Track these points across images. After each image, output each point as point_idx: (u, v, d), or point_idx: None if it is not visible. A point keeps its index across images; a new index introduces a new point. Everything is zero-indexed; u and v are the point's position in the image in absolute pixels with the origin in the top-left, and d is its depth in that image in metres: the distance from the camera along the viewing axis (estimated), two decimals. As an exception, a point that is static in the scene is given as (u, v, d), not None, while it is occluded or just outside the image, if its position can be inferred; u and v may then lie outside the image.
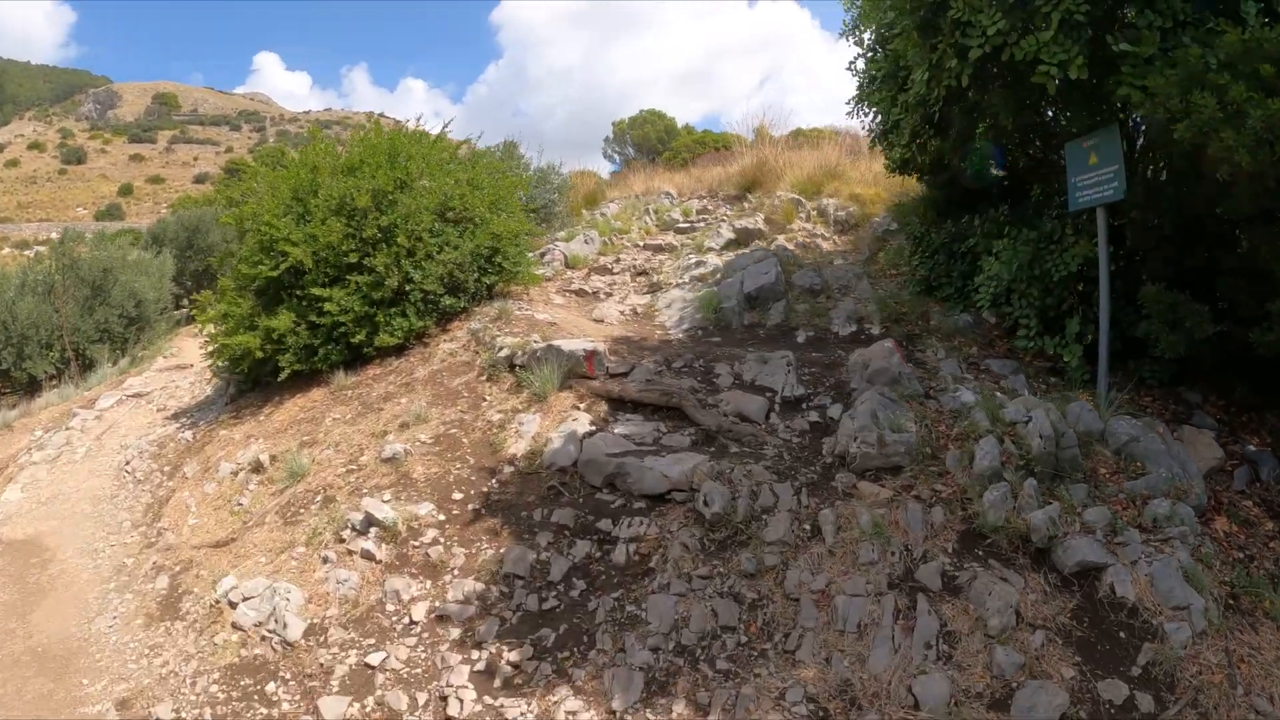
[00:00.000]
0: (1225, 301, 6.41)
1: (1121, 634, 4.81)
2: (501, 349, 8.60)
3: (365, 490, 6.77)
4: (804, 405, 7.27)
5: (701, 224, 14.23)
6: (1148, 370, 7.23)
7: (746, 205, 14.41)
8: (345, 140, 11.89)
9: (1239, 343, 6.22)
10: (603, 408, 7.52)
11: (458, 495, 6.68)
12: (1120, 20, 6.21)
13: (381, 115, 14.37)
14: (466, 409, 7.97)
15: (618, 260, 13.02)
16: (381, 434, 7.70)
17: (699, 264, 11.82)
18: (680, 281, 11.54)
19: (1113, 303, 6.75)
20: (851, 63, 10.57)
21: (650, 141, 29.24)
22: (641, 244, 13.72)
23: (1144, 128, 7.00)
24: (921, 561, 5.25)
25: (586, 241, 13.54)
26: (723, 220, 13.87)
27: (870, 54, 10.15)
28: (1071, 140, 7.04)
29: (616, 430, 7.05)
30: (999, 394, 7.06)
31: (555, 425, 7.23)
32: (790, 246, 11.90)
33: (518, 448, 7.12)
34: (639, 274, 12.47)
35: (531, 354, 8.21)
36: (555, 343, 8.19)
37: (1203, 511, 5.81)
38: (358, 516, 6.36)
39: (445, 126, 11.87)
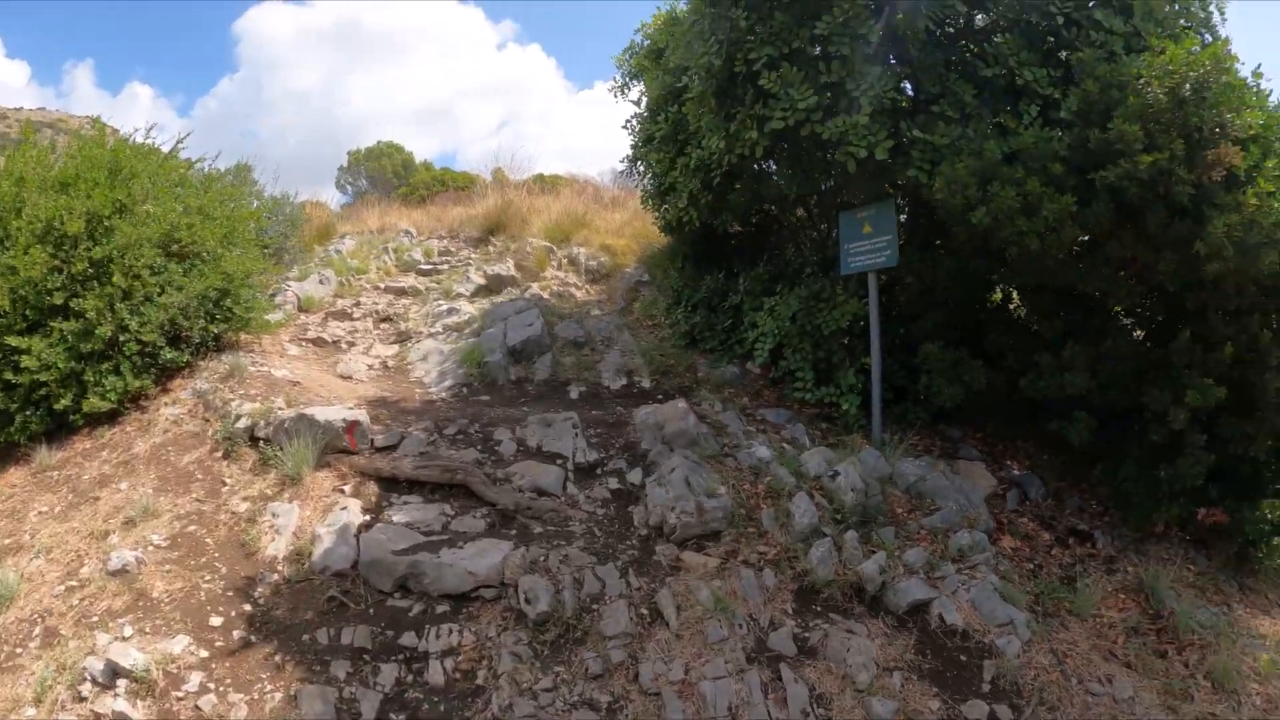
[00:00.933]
0: (994, 353, 7.19)
1: (962, 657, 5.28)
2: (239, 418, 7.30)
3: (95, 618, 5.30)
4: (599, 471, 6.95)
5: (445, 266, 13.49)
6: (912, 412, 7.88)
7: (492, 249, 13.90)
8: (61, 146, 9.64)
9: (1005, 388, 7.08)
10: (372, 489, 6.60)
11: (216, 620, 5.40)
12: (914, 108, 6.71)
13: (100, 120, 11.89)
14: (204, 496, 6.61)
15: (357, 304, 11.88)
16: (103, 534, 6.13)
17: (451, 311, 11.12)
18: (432, 330, 10.76)
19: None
20: (628, 121, 10.59)
21: (386, 175, 27.71)
22: (382, 286, 12.66)
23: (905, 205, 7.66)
24: (771, 629, 5.24)
25: (322, 281, 12.23)
26: (469, 263, 13.25)
27: (648, 114, 10.18)
28: (845, 211, 7.47)
29: (395, 518, 6.18)
30: (787, 445, 7.32)
31: (320, 517, 6.20)
32: (545, 295, 11.59)
33: (277, 548, 5.97)
34: (383, 320, 11.45)
35: (278, 424, 7.03)
36: (307, 411, 7.07)
37: (989, 533, 6.49)
38: (97, 664, 4.86)
39: (180, 142, 10.02)
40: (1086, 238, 6.29)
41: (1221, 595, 6.66)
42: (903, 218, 8.24)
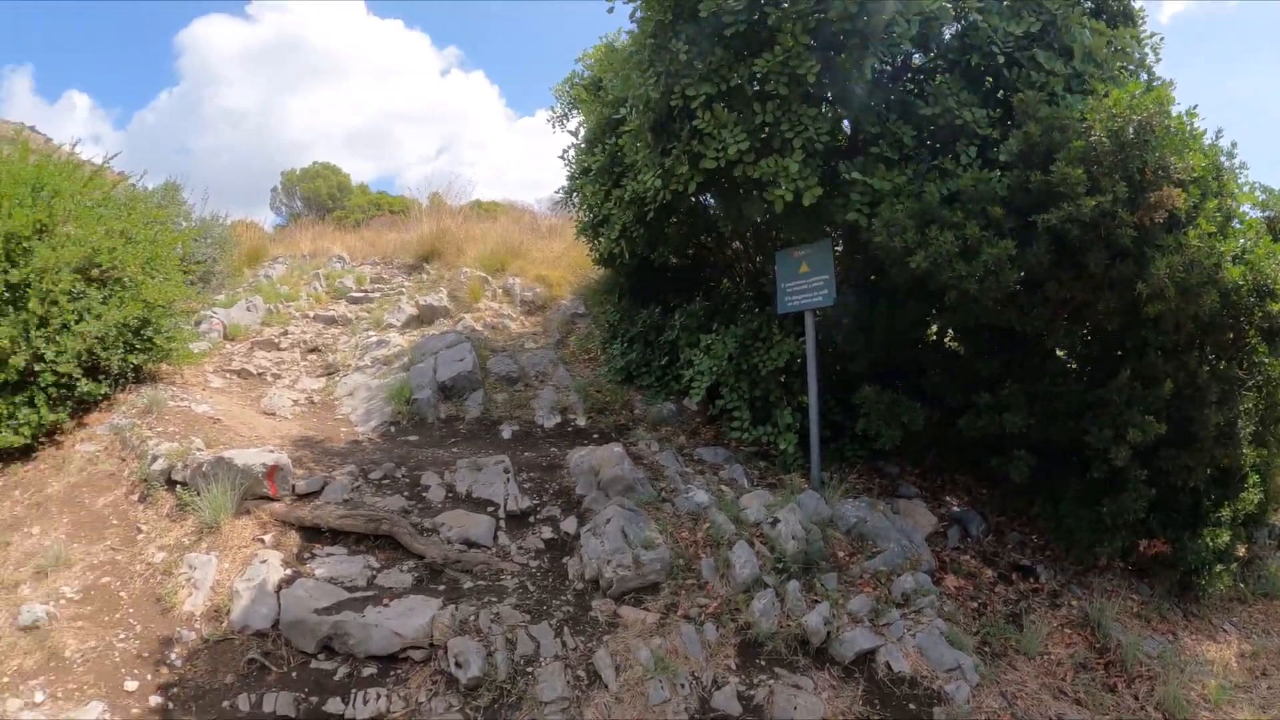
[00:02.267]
0: (931, 392, 7.17)
1: (911, 705, 5.11)
2: (155, 458, 6.87)
3: (5, 678, 4.83)
4: (532, 519, 6.71)
5: (377, 294, 13.14)
6: (849, 450, 7.87)
7: (425, 277, 13.59)
8: None
9: (942, 425, 7.09)
10: (294, 539, 6.24)
11: (132, 684, 4.96)
12: (852, 148, 6.65)
13: (33, 129, 11.23)
14: (119, 544, 6.15)
15: (285, 333, 11.47)
16: (13, 584, 5.64)
17: (380, 343, 10.79)
18: (361, 364, 10.41)
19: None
20: (564, 152, 10.44)
21: (321, 197, 27.07)
22: (311, 314, 12.26)
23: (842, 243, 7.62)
24: (714, 688, 5.02)
25: (249, 309, 11.76)
26: (402, 292, 12.91)
27: (585, 145, 10.03)
28: (782, 250, 7.40)
29: (318, 573, 5.82)
30: (725, 487, 7.19)
31: (239, 570, 5.82)
32: (478, 327, 11.32)
33: (194, 604, 5.57)
34: (310, 351, 11.07)
35: (196, 467, 6.62)
36: (226, 454, 6.67)
37: (932, 573, 6.40)
38: None
39: (108, 160, 9.45)
40: (1023, 275, 6.31)
41: (1167, 624, 6.73)
42: (838, 248, 8.23)
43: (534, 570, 6.02)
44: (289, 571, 5.82)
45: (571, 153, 10.63)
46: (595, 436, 8.40)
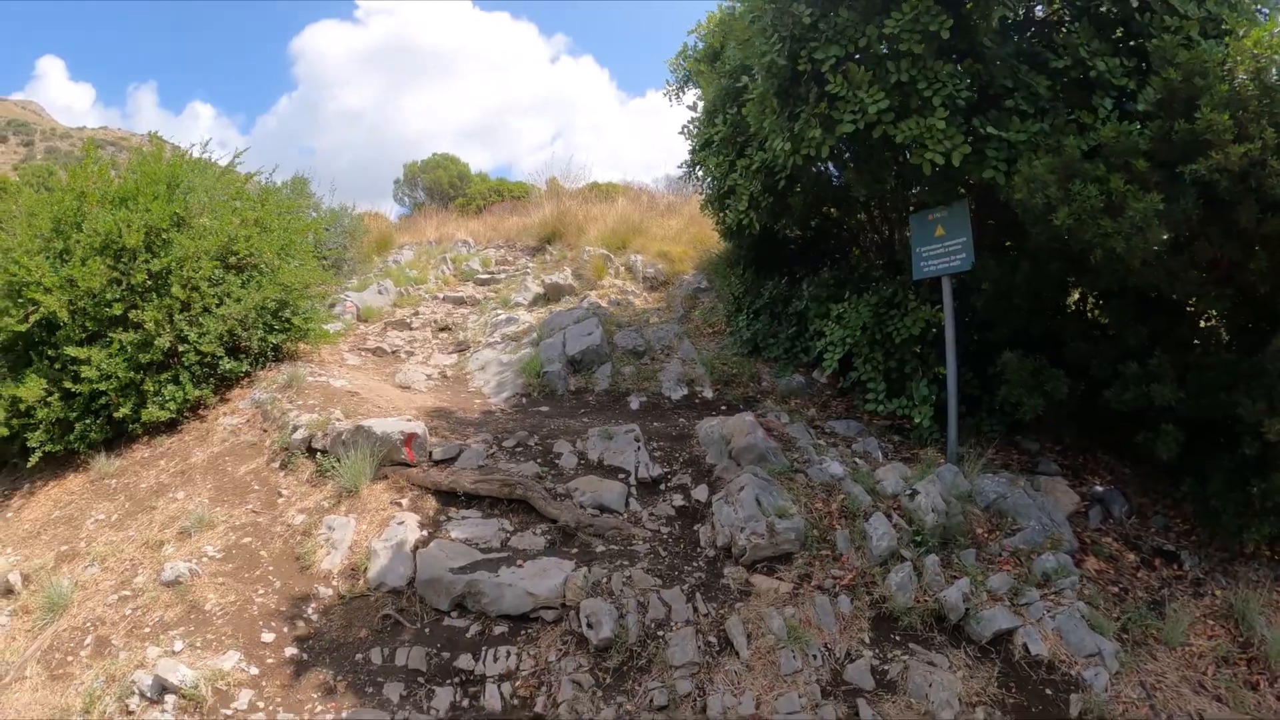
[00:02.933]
0: (1074, 362, 6.72)
1: (1048, 691, 4.87)
2: (296, 429, 7.25)
3: (147, 629, 5.23)
4: (663, 487, 6.70)
5: (503, 275, 13.46)
6: (986, 424, 7.46)
7: (549, 257, 13.81)
8: (121, 164, 9.67)
9: (1083, 399, 6.67)
10: (430, 503, 6.43)
11: (268, 635, 5.25)
12: (986, 103, 6.36)
13: (160, 136, 11.94)
14: (260, 508, 6.54)
15: (416, 313, 11.93)
16: (158, 544, 6.09)
17: (509, 320, 11.04)
18: (491, 340, 10.68)
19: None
20: (685, 126, 10.36)
21: (442, 186, 27.94)
22: (440, 296, 12.70)
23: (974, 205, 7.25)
24: (847, 660, 4.89)
25: (381, 292, 12.31)
26: (526, 272, 13.17)
27: (705, 118, 9.94)
28: (915, 213, 7.13)
29: (454, 534, 5.98)
30: (859, 460, 7.01)
31: (377, 531, 6.05)
32: (603, 303, 11.41)
33: (332, 562, 5.83)
34: (441, 329, 11.47)
35: (335, 436, 6.95)
36: (364, 423, 6.94)
37: (1073, 554, 6.05)
38: (145, 679, 4.73)
39: (237, 157, 10.08)
40: (1168, 237, 5.87)
41: (1312, 621, 6.17)
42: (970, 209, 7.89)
43: (665, 536, 6.00)
44: (425, 533, 6.01)
45: (691, 127, 10.53)
46: (723, 408, 8.33)
